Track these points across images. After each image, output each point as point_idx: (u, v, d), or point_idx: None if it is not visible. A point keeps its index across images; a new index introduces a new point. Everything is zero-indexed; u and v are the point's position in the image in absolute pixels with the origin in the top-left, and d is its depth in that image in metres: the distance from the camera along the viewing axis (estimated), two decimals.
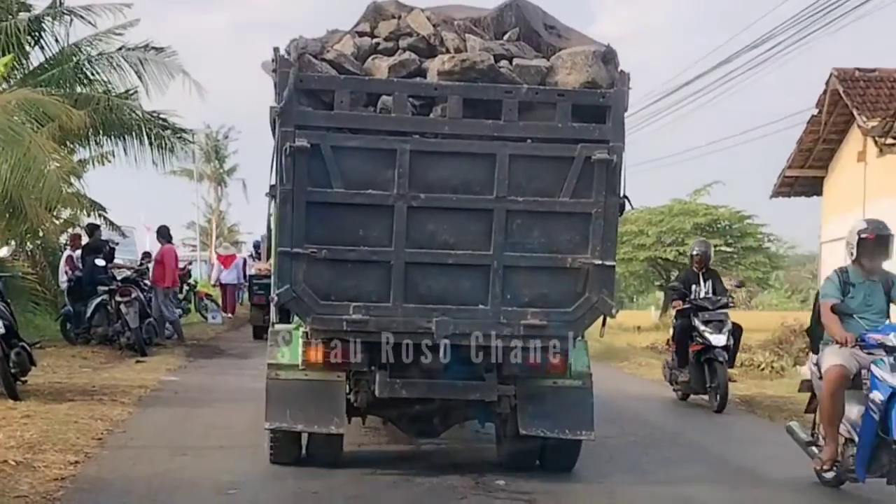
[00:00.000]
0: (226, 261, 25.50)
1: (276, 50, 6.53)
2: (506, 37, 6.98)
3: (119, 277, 15.67)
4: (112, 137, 20.05)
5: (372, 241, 6.57)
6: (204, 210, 58.71)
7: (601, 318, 7.07)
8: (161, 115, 20.47)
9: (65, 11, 19.31)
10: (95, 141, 20.19)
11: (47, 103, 15.50)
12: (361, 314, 6.54)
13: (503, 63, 6.74)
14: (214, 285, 27.06)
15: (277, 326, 7.28)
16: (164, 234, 17.85)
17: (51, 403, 9.47)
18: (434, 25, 6.93)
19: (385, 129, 6.57)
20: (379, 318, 6.57)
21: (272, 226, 6.96)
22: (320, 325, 6.57)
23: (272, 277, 6.81)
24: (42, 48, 19.61)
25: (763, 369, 14.79)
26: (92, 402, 9.72)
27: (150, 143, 20.02)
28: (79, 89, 19.27)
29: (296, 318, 7.15)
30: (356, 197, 6.51)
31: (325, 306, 6.54)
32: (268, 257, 12.48)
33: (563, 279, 6.74)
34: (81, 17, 19.20)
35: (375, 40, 6.94)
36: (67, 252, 17.34)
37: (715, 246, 26.93)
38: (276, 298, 6.63)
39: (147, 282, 17.25)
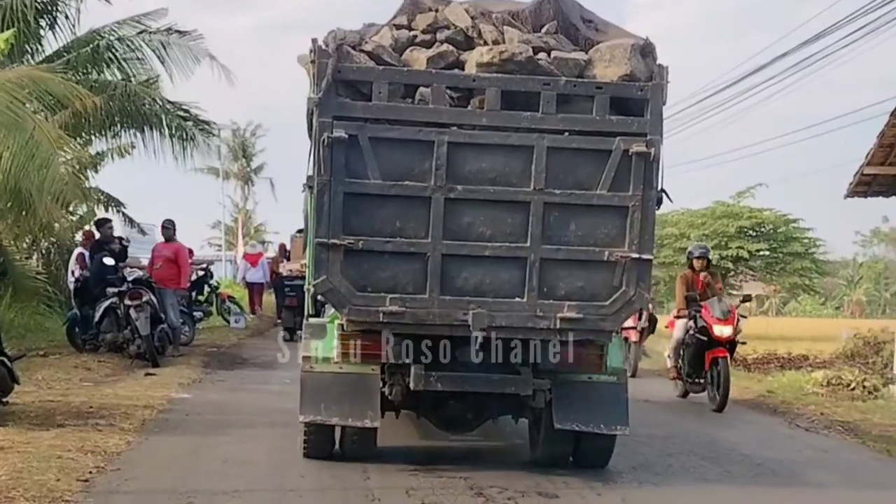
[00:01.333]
0: (253, 259, 25.58)
1: (314, 41, 6.72)
2: (544, 30, 7.13)
3: (130, 278, 13.97)
4: (130, 128, 19.21)
5: (409, 232, 6.72)
6: (230, 209, 59.45)
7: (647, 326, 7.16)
8: (183, 106, 19.61)
9: None
10: (113, 131, 19.34)
11: (51, 82, 14.28)
12: (398, 306, 6.70)
13: (541, 55, 6.88)
14: (241, 284, 27.32)
15: (312, 320, 7.46)
16: (171, 228, 15.91)
17: (35, 430, 8.12)
18: (472, 18, 7.09)
19: (423, 121, 6.73)
20: (415, 311, 6.72)
21: (309, 217, 7.11)
22: (356, 316, 6.74)
23: (308, 268, 6.99)
24: (55, 31, 18.64)
25: (853, 389, 13.57)
26: (85, 429, 8.32)
27: (171, 135, 19.13)
28: (95, 75, 18.41)
29: (330, 312, 7.33)
30: (393, 188, 6.68)
31: (362, 298, 6.70)
32: (303, 252, 12.69)
33: (600, 272, 6.87)
34: None
35: (413, 33, 7.11)
36: (78, 250, 15.99)
37: (759, 251, 27.10)
38: (312, 289, 6.80)
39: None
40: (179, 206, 69.87)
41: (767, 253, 28.24)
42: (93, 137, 19.60)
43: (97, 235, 15.79)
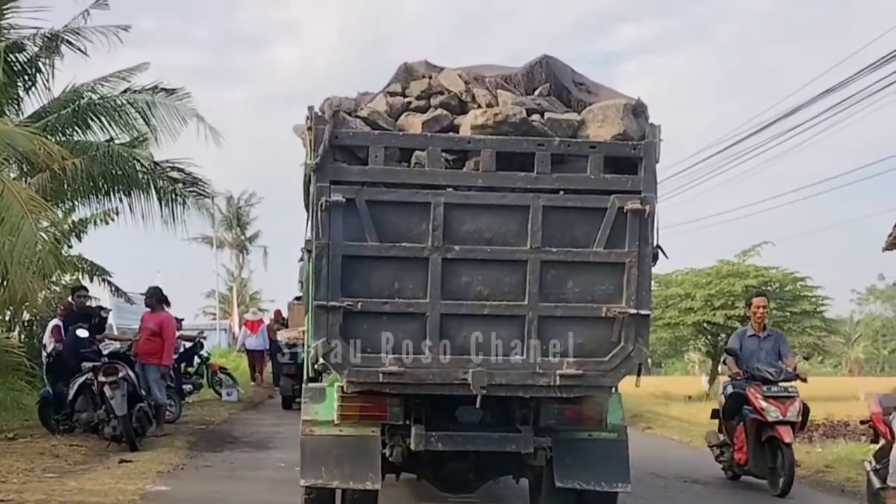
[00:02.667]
0: (253, 326, 25.73)
1: (310, 108, 7.02)
2: (536, 92, 7.45)
3: (106, 352, 13.24)
4: (115, 191, 18.24)
5: (407, 293, 6.96)
6: (225, 278, 59.91)
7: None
8: (173, 164, 18.74)
9: (49, 35, 17.50)
10: (97, 196, 18.43)
11: (17, 136, 13.60)
12: (397, 366, 6.91)
13: (535, 117, 7.19)
14: (240, 351, 27.42)
15: (311, 384, 7.68)
16: (157, 296, 14.70)
17: None
18: (465, 83, 7.42)
19: (419, 183, 7.01)
20: (415, 371, 6.93)
21: (308, 280, 7.34)
22: (356, 377, 6.94)
23: (307, 330, 7.21)
24: (34, 92, 18.15)
25: None
26: None
27: (160, 199, 18.23)
28: (77, 136, 17.74)
29: (329, 377, 7.54)
30: (391, 250, 6.93)
31: (361, 359, 6.91)
32: (301, 319, 12.82)
33: (599, 329, 7.09)
34: (70, 42, 17.57)
35: (407, 99, 7.44)
36: (54, 321, 15.16)
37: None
38: (312, 351, 7.03)
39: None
40: (173, 274, 70.37)
41: (775, 312, 28.29)
42: (76, 203, 19.13)
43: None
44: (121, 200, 18.66)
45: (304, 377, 8.19)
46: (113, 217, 19.85)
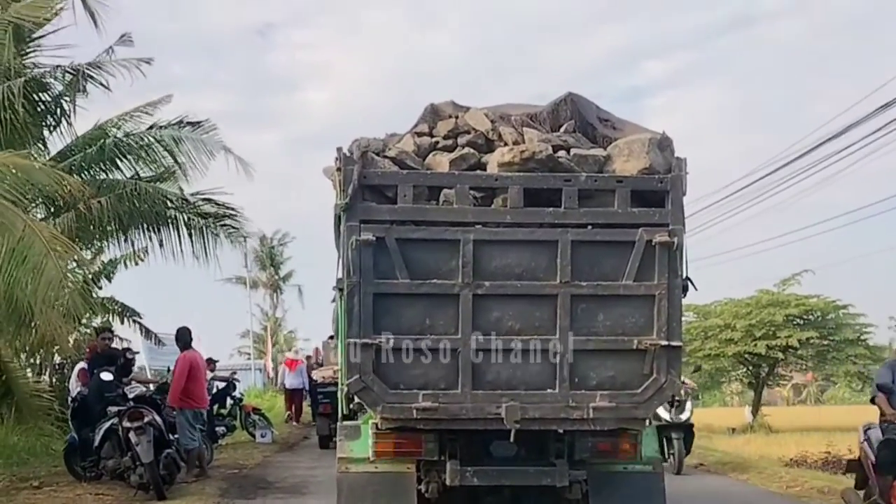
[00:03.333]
0: (292, 365, 25.84)
1: (339, 149, 7.26)
2: (562, 129, 7.67)
3: (131, 395, 12.86)
4: (143, 229, 17.84)
5: (438, 329, 7.15)
6: (259, 318, 60.48)
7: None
8: (203, 196, 18.28)
9: (71, 70, 16.99)
10: (124, 234, 18.07)
11: (33, 170, 13.39)
12: (431, 402, 7.09)
13: (561, 153, 7.39)
14: (280, 390, 27.63)
15: (346, 422, 7.86)
16: (182, 338, 14.06)
17: None
18: (492, 122, 7.65)
19: (448, 221, 7.21)
20: (448, 406, 7.11)
21: (339, 319, 7.54)
22: (390, 413, 7.12)
23: (341, 369, 7.40)
24: (59, 131, 17.75)
25: None
26: None
27: (190, 235, 17.83)
28: (103, 175, 17.39)
29: (364, 415, 7.71)
30: (422, 287, 7.13)
31: (395, 395, 7.10)
32: (334, 358, 13.00)
33: (630, 361, 7.24)
34: (91, 77, 16.99)
35: (435, 139, 7.68)
36: (80, 365, 14.68)
37: (808, 339, 27.09)
38: (346, 389, 7.22)
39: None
40: (208, 315, 71.13)
41: (817, 341, 28.20)
42: (105, 243, 18.90)
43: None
44: (150, 239, 18.26)
45: (339, 415, 8.37)
46: (142, 257, 19.65)
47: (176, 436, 13.30)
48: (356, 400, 7.35)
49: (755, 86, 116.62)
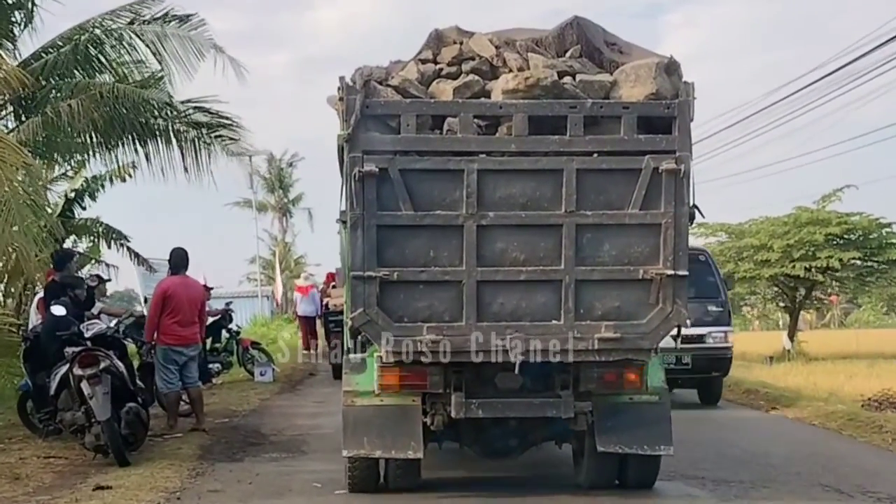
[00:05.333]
0: (304, 291, 25.88)
1: (341, 78, 7.49)
2: (568, 54, 7.85)
3: (88, 334, 10.67)
4: (127, 140, 16.26)
5: (443, 261, 7.45)
6: (268, 243, 60.88)
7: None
8: (195, 104, 16.86)
9: None
10: (106, 147, 16.47)
11: None
12: (435, 335, 7.41)
13: (567, 79, 7.60)
14: (293, 317, 27.92)
15: (351, 355, 8.21)
16: (174, 261, 12.45)
17: None
18: (496, 47, 7.85)
19: (452, 151, 7.48)
20: (453, 338, 7.43)
21: (344, 251, 7.82)
22: (395, 347, 7.45)
23: (346, 302, 7.71)
24: (33, 32, 16.19)
25: None
26: None
27: (181, 146, 16.34)
28: (79, 77, 15.74)
29: (370, 347, 8.05)
30: (425, 218, 7.42)
31: (399, 328, 7.43)
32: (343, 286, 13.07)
33: (636, 291, 7.53)
34: None
35: (439, 66, 7.88)
36: (40, 294, 13.17)
37: (850, 259, 26.99)
38: (350, 322, 7.54)
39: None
40: (215, 241, 71.37)
41: (859, 262, 28.04)
42: (86, 157, 17.62)
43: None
44: (136, 152, 16.56)
45: (344, 348, 8.72)
46: (130, 173, 18.50)
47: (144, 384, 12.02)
48: (361, 333, 7.67)
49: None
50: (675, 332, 7.75)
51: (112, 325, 12.12)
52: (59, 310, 11.01)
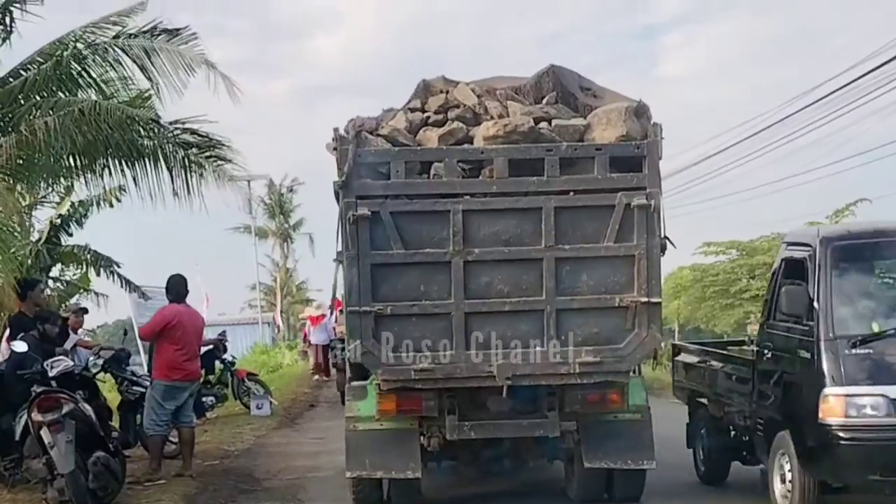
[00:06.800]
0: (315, 321, 26.40)
1: (335, 130, 8.39)
2: (545, 101, 8.78)
3: (53, 373, 9.76)
4: (113, 162, 14.92)
5: (433, 295, 8.31)
6: (270, 268, 61.06)
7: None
8: (182, 125, 15.29)
9: None
10: (91, 169, 15.25)
11: None
12: (427, 363, 8.25)
13: (543, 125, 8.48)
14: (307, 346, 28.56)
15: (354, 382, 9.07)
16: (174, 288, 11.51)
17: None
18: (478, 96, 8.78)
19: (438, 193, 8.35)
20: (444, 366, 8.28)
21: (343, 288, 8.67)
22: (390, 375, 8.32)
23: (346, 334, 8.59)
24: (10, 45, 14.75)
25: None
26: None
27: (170, 168, 14.97)
28: (61, 95, 14.41)
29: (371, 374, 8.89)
30: (415, 256, 8.28)
31: (394, 358, 8.28)
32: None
33: (613, 318, 8.36)
34: None
35: (426, 114, 8.81)
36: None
37: None
38: (348, 354, 8.41)
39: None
40: (216, 268, 71.85)
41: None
42: (72, 181, 16.67)
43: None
44: (123, 174, 15.13)
45: (347, 376, 9.57)
46: (118, 197, 17.59)
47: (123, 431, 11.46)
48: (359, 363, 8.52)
49: (776, 17, 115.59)
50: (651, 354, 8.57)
51: (91, 358, 11.76)
52: (20, 346, 10.04)
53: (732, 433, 10.00)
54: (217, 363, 18.00)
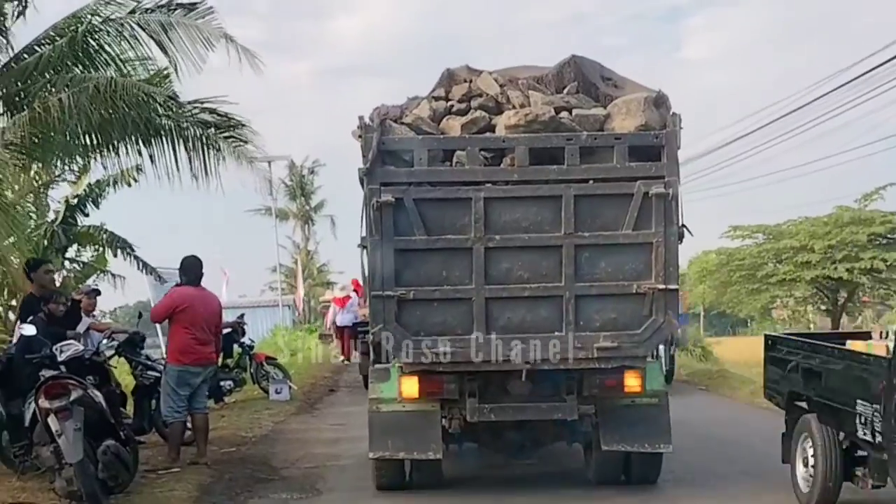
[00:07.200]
0: (341, 303, 26.71)
1: (360, 118, 8.64)
2: (566, 90, 8.99)
3: (62, 357, 9.54)
4: (129, 141, 14.54)
5: (454, 280, 8.57)
6: (291, 251, 61.12)
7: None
8: (201, 104, 14.93)
9: None
10: (107, 148, 14.89)
11: None
12: (449, 347, 8.51)
13: (563, 114, 8.70)
14: (330, 329, 28.80)
15: (377, 365, 9.35)
16: (188, 270, 11.23)
17: None
18: (501, 85, 9.00)
19: (460, 181, 8.60)
20: (464, 350, 8.54)
21: (365, 273, 8.94)
22: (413, 359, 8.59)
23: (369, 318, 8.86)
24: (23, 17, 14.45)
25: None
26: None
27: (187, 147, 14.67)
28: (77, 71, 14.16)
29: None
30: (438, 242, 8.54)
31: (416, 342, 8.55)
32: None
33: (631, 304, 8.60)
34: None
35: (450, 103, 9.05)
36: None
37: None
38: (371, 337, 8.69)
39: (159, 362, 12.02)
40: (235, 250, 71.87)
41: None
42: (87, 160, 16.24)
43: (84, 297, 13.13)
44: (139, 153, 14.82)
45: (371, 359, 9.86)
46: (135, 177, 17.31)
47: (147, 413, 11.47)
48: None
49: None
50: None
51: (104, 342, 11.44)
52: (29, 329, 9.87)
53: (847, 448, 8.17)
54: (235, 346, 17.88)
